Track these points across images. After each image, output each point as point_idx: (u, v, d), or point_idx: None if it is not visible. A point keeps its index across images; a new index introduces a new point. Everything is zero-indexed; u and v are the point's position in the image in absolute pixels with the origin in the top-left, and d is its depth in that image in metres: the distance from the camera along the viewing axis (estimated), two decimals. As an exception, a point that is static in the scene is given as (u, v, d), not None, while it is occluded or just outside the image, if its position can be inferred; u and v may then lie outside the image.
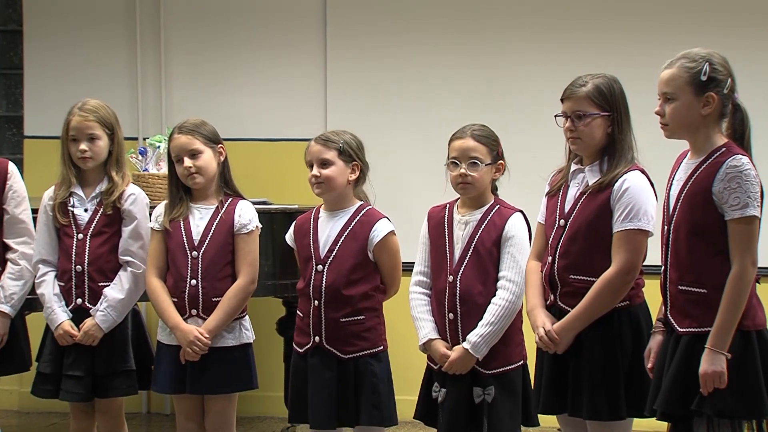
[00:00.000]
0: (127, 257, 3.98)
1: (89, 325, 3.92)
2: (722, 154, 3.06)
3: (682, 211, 3.10)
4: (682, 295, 3.10)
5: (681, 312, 3.10)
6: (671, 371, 3.07)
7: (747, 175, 3.00)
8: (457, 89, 5.64)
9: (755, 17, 5.36)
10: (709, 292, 3.04)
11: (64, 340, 3.94)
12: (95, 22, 5.99)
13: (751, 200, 3.00)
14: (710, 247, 3.05)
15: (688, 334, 3.07)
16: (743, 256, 3.01)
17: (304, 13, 5.83)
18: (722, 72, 3.08)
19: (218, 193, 3.97)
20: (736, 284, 3.00)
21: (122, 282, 3.96)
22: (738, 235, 3.01)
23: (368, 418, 3.70)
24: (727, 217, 3.02)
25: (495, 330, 3.55)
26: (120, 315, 3.96)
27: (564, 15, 5.55)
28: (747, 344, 3.03)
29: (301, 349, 3.78)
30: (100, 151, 4.00)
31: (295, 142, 5.66)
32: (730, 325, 2.99)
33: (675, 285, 3.11)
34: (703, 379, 2.99)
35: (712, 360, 2.99)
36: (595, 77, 3.41)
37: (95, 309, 3.93)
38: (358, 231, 3.76)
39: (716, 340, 2.99)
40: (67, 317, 3.95)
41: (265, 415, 5.77)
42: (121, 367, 3.97)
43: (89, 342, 3.92)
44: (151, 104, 5.95)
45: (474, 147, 3.61)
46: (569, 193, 3.46)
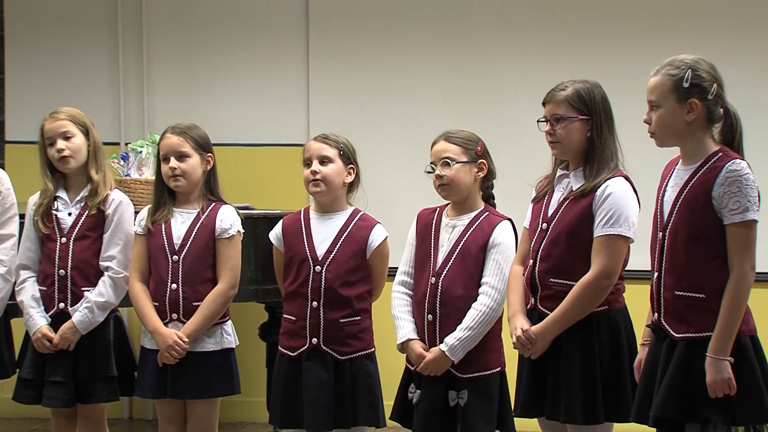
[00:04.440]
0: (107, 262, 3.98)
1: (65, 328, 3.92)
2: (719, 158, 3.06)
3: (679, 217, 3.09)
4: (679, 301, 3.08)
5: (677, 317, 3.09)
6: (668, 377, 3.06)
7: (747, 180, 3.01)
8: (440, 94, 5.65)
9: (744, 23, 5.39)
10: (707, 297, 3.03)
11: (41, 345, 3.92)
12: (77, 27, 5.98)
13: (751, 204, 3.01)
14: (708, 252, 3.04)
15: (685, 339, 3.06)
16: (743, 261, 3.01)
17: (286, 19, 5.83)
18: (707, 78, 3.09)
19: (201, 199, 3.96)
20: (737, 289, 3.00)
21: (100, 286, 3.96)
22: (737, 239, 3.01)
23: (366, 418, 3.74)
24: (727, 221, 3.02)
25: (473, 335, 3.56)
26: (97, 318, 3.94)
27: (551, 20, 5.57)
28: (743, 350, 3.03)
29: (293, 353, 3.77)
30: (77, 149, 3.99)
31: (277, 147, 5.69)
32: (731, 331, 2.99)
33: (671, 290, 3.10)
34: (711, 388, 2.98)
35: (717, 368, 2.98)
36: (576, 82, 3.45)
37: (73, 309, 3.93)
38: (356, 234, 3.79)
39: (718, 347, 2.99)
40: (45, 322, 3.94)
41: (247, 421, 5.76)
42: (103, 373, 3.96)
43: (66, 345, 3.92)
44: (133, 109, 5.94)
45: (446, 148, 3.64)
46: (554, 198, 3.49)
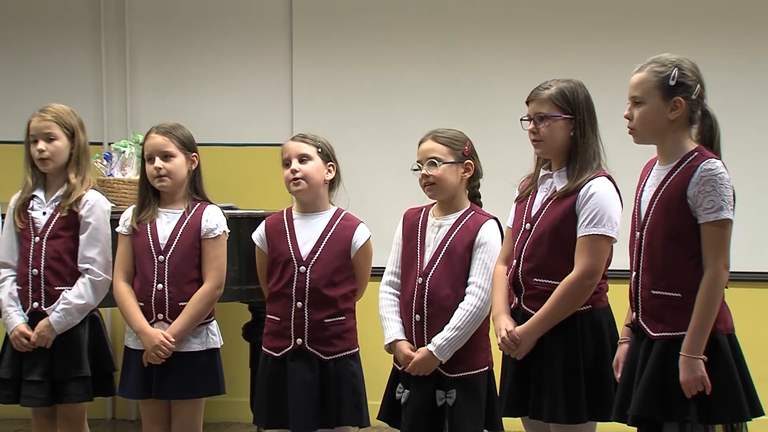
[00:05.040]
0: (85, 264, 3.97)
1: (41, 326, 3.91)
2: (695, 158, 3.07)
3: (656, 216, 3.11)
4: (656, 300, 3.10)
5: (654, 317, 3.10)
6: (645, 376, 3.07)
7: (721, 179, 3.02)
8: (424, 93, 5.66)
9: (724, 23, 5.43)
10: (684, 297, 3.05)
11: (19, 343, 3.92)
12: (60, 27, 5.97)
13: (725, 204, 3.02)
14: (685, 252, 3.06)
15: (662, 338, 3.07)
16: (717, 260, 3.02)
17: (270, 19, 5.83)
18: (691, 78, 3.11)
19: (186, 198, 3.96)
20: (710, 288, 3.01)
21: (80, 288, 3.95)
22: (712, 238, 3.03)
23: (350, 418, 3.74)
24: (701, 220, 3.03)
25: (461, 335, 3.57)
26: (75, 319, 3.94)
27: (534, 20, 5.59)
28: (720, 348, 3.04)
29: (277, 353, 3.77)
30: (58, 152, 3.98)
31: (261, 147, 5.69)
32: (705, 330, 3.00)
33: (648, 290, 3.12)
34: (685, 386, 2.99)
35: (690, 366, 2.99)
36: (560, 81, 3.45)
37: (51, 308, 3.92)
38: (340, 234, 3.79)
39: (691, 345, 3.00)
40: (22, 320, 3.94)
41: (231, 421, 5.76)
42: (75, 373, 3.95)
43: (43, 343, 3.91)
44: (116, 109, 5.93)
45: (433, 148, 3.64)
46: (537, 198, 3.49)
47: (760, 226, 5.35)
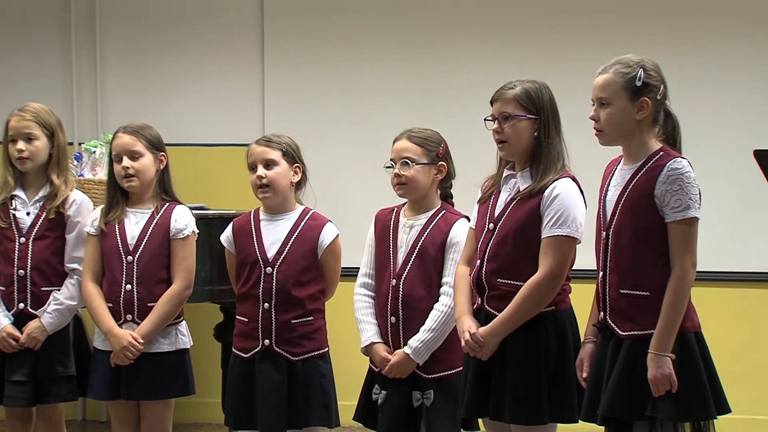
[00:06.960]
0: (73, 264, 3.97)
1: (33, 327, 3.90)
2: (661, 157, 3.09)
3: (622, 216, 3.11)
4: (624, 299, 3.11)
5: (622, 316, 3.11)
6: (615, 375, 3.08)
7: (688, 178, 3.04)
8: (395, 93, 5.67)
9: (689, 23, 5.46)
10: (651, 295, 3.06)
11: (6, 344, 3.90)
12: (30, 27, 5.94)
13: (692, 202, 3.03)
14: (653, 251, 3.07)
15: (631, 337, 3.08)
16: (684, 258, 3.03)
17: (241, 18, 5.82)
18: (655, 78, 3.13)
19: (155, 198, 3.95)
20: (678, 286, 3.02)
21: (69, 289, 3.95)
22: (679, 236, 3.04)
23: (319, 418, 3.74)
24: (668, 219, 3.05)
25: (436, 336, 3.58)
26: (65, 320, 3.95)
27: (504, 21, 5.61)
28: (687, 346, 3.05)
29: (246, 354, 3.77)
30: (37, 152, 3.97)
31: (232, 147, 5.67)
32: (673, 328, 3.02)
33: (616, 289, 3.12)
34: (653, 384, 3.01)
35: (658, 364, 3.01)
36: (525, 82, 3.43)
37: (42, 310, 3.91)
38: (306, 234, 3.78)
39: (659, 343, 3.02)
40: (8, 321, 3.92)
41: (202, 422, 5.75)
42: (62, 372, 3.94)
43: (32, 345, 3.90)
44: (86, 109, 5.91)
45: (407, 147, 3.65)
46: (500, 198, 3.46)
47: (727, 225, 5.37)
